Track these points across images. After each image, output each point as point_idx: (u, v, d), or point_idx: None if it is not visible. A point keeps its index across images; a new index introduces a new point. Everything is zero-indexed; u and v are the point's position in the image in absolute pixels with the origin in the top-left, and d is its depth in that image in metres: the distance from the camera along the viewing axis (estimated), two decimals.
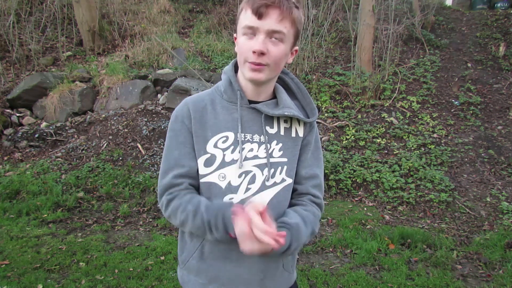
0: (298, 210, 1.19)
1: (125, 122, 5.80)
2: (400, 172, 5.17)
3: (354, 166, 5.29)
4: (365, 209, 4.62)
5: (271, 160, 1.17)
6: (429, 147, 5.73)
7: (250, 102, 1.18)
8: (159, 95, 6.50)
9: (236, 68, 1.23)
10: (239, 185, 1.14)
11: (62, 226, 4.10)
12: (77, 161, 5.23)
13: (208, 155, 1.15)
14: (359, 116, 6.35)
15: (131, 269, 3.19)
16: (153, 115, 5.96)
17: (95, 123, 5.94)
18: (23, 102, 6.27)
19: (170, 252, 3.49)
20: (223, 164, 1.14)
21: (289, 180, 1.20)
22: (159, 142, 5.54)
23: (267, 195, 1.16)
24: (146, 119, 5.85)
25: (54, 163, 5.13)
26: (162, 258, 3.40)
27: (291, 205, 1.24)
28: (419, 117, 6.41)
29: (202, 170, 1.16)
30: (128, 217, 4.36)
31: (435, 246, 3.73)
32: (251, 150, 1.16)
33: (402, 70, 7.35)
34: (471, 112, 6.62)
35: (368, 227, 4.16)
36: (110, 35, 8.00)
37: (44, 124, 6.01)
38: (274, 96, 1.23)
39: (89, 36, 7.58)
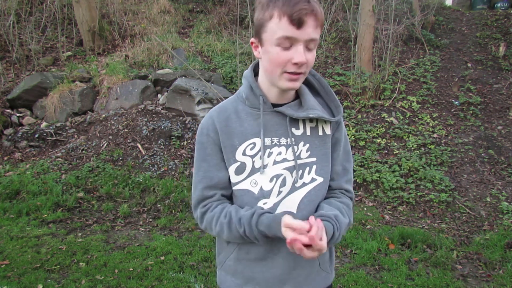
0: (333, 202, 1.22)
1: (125, 122, 5.80)
2: (400, 172, 5.17)
3: (354, 166, 5.29)
4: (365, 209, 4.62)
5: (299, 161, 1.17)
6: (429, 147, 5.73)
7: (274, 105, 1.17)
8: (159, 95, 6.50)
9: (255, 72, 1.22)
10: (271, 189, 1.15)
11: (62, 226, 4.10)
12: (77, 161, 5.22)
13: (238, 163, 1.16)
14: (359, 116, 6.35)
15: (131, 269, 3.19)
16: (153, 115, 5.96)
17: (95, 123, 5.94)
18: (23, 102, 6.27)
19: (170, 252, 3.49)
20: (254, 171, 1.16)
21: (320, 179, 1.20)
22: (159, 142, 5.54)
23: (297, 196, 1.17)
24: (146, 119, 5.85)
25: (54, 163, 5.13)
26: (162, 258, 3.40)
27: (324, 198, 1.25)
28: (419, 117, 6.41)
29: (234, 178, 1.17)
30: (128, 217, 4.36)
31: (435, 246, 3.73)
32: (279, 153, 1.16)
33: (402, 70, 7.35)
34: (471, 112, 6.62)
35: (368, 227, 4.16)
36: (110, 35, 7.99)
37: (44, 124, 6.01)
38: (297, 95, 1.22)
39: (89, 36, 7.58)
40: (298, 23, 0.99)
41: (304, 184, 1.18)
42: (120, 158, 5.22)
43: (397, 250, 3.64)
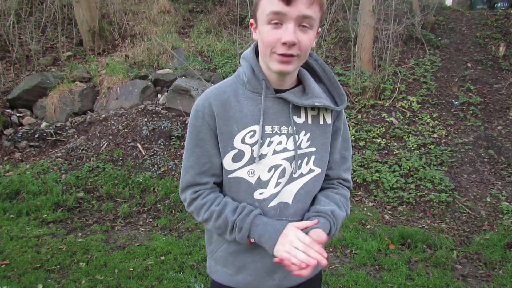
0: (330, 194, 1.20)
1: (125, 122, 5.80)
2: (400, 172, 5.17)
3: (354, 166, 5.29)
4: (365, 209, 4.62)
5: (299, 151, 1.12)
6: (429, 147, 5.73)
7: (276, 91, 1.11)
8: (159, 95, 6.50)
9: (256, 53, 1.14)
10: (269, 180, 1.12)
11: (62, 226, 4.10)
12: (77, 161, 5.22)
13: (236, 151, 1.10)
14: (359, 116, 6.35)
15: (131, 269, 3.19)
16: (153, 115, 5.96)
17: (95, 123, 5.94)
18: (23, 102, 6.27)
19: (170, 252, 3.49)
20: (252, 160, 1.10)
21: (318, 170, 1.17)
22: (159, 142, 5.54)
23: (294, 187, 1.14)
24: (146, 119, 5.85)
25: (54, 163, 5.13)
26: (162, 258, 3.40)
27: (321, 189, 1.22)
28: (419, 117, 6.41)
29: (230, 165, 1.12)
30: (128, 217, 4.36)
31: (435, 246, 3.73)
32: (280, 143, 1.11)
33: (402, 70, 7.35)
34: (471, 112, 6.61)
35: (368, 227, 4.16)
36: (110, 35, 8.00)
37: (44, 124, 6.01)
38: (299, 81, 1.16)
39: (89, 36, 7.58)
40: None
41: (301, 175, 1.14)
42: (120, 158, 5.23)
43: (397, 250, 3.64)
